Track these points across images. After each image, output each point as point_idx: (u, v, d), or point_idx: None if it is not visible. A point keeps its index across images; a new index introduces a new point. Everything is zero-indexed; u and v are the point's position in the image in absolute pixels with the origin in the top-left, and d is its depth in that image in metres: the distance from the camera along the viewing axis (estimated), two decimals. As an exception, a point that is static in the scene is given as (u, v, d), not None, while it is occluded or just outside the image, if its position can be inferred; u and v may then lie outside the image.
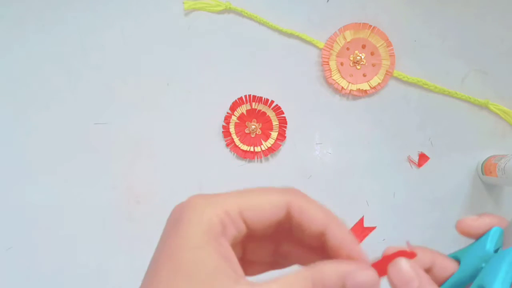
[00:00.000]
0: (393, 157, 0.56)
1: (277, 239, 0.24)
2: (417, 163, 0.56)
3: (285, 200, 0.22)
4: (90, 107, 0.57)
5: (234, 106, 0.56)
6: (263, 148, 0.56)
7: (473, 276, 0.22)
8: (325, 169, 0.56)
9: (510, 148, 0.55)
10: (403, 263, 0.21)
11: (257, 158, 0.56)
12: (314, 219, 0.22)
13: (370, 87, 0.56)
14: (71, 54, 0.57)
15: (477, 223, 0.24)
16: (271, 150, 0.56)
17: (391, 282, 0.21)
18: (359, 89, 0.56)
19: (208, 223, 0.20)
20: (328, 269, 0.21)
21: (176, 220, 0.21)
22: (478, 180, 0.55)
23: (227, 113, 0.56)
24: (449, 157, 0.56)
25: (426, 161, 0.56)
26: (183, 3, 0.57)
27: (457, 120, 0.56)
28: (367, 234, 0.23)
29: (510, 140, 0.55)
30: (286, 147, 0.57)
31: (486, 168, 0.53)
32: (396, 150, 0.56)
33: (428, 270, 0.23)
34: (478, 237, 0.23)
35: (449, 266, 0.24)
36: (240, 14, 0.57)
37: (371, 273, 0.21)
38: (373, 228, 0.22)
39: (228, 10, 0.57)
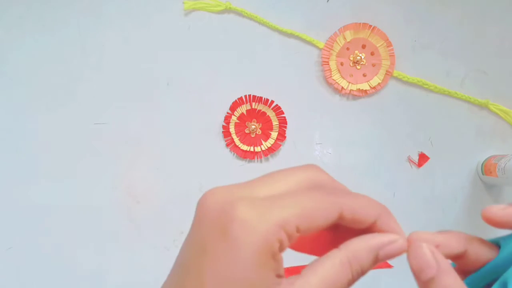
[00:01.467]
0: (393, 157, 0.56)
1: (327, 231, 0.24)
2: (417, 163, 0.56)
3: (337, 207, 0.21)
4: (90, 107, 0.57)
5: (234, 106, 0.56)
6: (263, 148, 0.56)
7: (510, 265, 0.21)
8: (325, 169, 0.56)
9: (510, 148, 0.55)
10: (423, 248, 0.21)
11: (257, 158, 0.56)
12: (368, 216, 0.22)
13: (370, 87, 0.56)
14: (71, 54, 0.57)
15: (504, 212, 0.23)
16: (271, 150, 0.56)
17: (410, 265, 0.21)
18: (359, 89, 0.56)
19: (265, 243, 0.18)
20: (359, 246, 0.21)
21: (223, 232, 0.19)
22: (478, 180, 0.55)
23: (227, 113, 0.56)
24: (449, 157, 0.55)
25: (426, 161, 0.55)
26: (183, 3, 0.57)
27: (457, 120, 0.56)
28: None
29: (510, 140, 0.55)
30: (286, 147, 0.57)
31: (486, 168, 0.53)
32: (396, 150, 0.56)
33: (461, 256, 0.22)
34: (505, 227, 0.22)
35: (485, 252, 0.22)
36: (240, 14, 0.57)
37: (402, 242, 0.21)
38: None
39: (228, 10, 0.57)
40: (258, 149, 0.56)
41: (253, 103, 0.56)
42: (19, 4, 0.57)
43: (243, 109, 0.56)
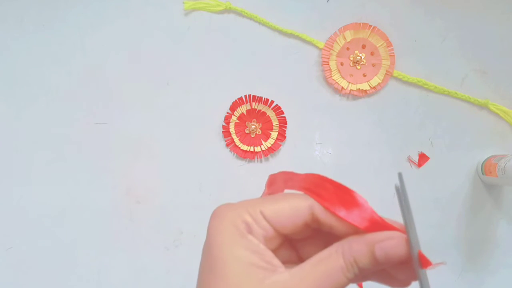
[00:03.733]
0: (393, 157, 0.56)
1: (322, 235, 0.25)
2: (417, 163, 0.56)
3: (307, 204, 0.23)
4: (90, 107, 0.57)
5: (234, 106, 0.56)
6: (263, 148, 0.56)
7: None
8: (325, 169, 0.56)
9: (510, 148, 0.55)
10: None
11: (257, 158, 0.56)
12: (341, 222, 0.22)
13: (370, 87, 0.56)
14: (71, 54, 0.57)
15: None
16: (271, 150, 0.56)
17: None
18: (359, 89, 0.56)
19: (232, 223, 0.21)
20: (356, 239, 0.21)
21: (207, 229, 0.22)
22: (478, 180, 0.55)
23: (227, 113, 0.56)
24: (449, 157, 0.55)
25: (426, 161, 0.55)
26: (183, 3, 0.57)
27: (457, 120, 0.56)
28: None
29: (510, 140, 0.55)
30: (286, 147, 0.57)
31: (486, 168, 0.53)
32: (396, 150, 0.56)
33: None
34: None
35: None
36: (240, 14, 0.57)
37: (399, 241, 0.21)
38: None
39: (228, 10, 0.57)
40: (258, 149, 0.56)
41: (253, 103, 0.56)
42: (19, 4, 0.57)
43: (243, 109, 0.56)
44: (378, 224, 0.22)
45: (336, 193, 0.23)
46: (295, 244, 0.25)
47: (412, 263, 0.21)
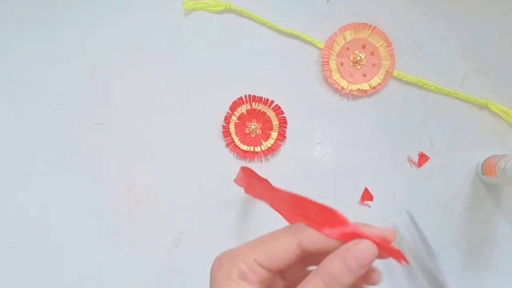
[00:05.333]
0: (393, 157, 0.56)
1: (311, 262, 0.27)
2: (417, 163, 0.56)
3: (295, 240, 0.24)
4: (90, 107, 0.57)
5: (234, 106, 0.56)
6: (263, 148, 0.56)
7: None
8: (325, 169, 0.56)
9: (510, 148, 0.55)
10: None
11: (257, 158, 0.56)
12: (330, 242, 0.24)
13: (370, 87, 0.56)
14: (71, 54, 0.57)
15: None
16: (271, 150, 0.56)
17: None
18: (359, 89, 0.56)
19: (227, 271, 0.25)
20: (328, 257, 0.23)
21: (210, 274, 0.26)
22: (478, 180, 0.55)
23: (227, 113, 0.56)
24: (449, 157, 0.56)
25: (426, 161, 0.56)
26: (183, 3, 0.57)
27: (457, 120, 0.56)
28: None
29: (510, 140, 0.55)
30: (286, 147, 0.57)
31: (486, 168, 0.53)
32: (396, 150, 0.56)
33: None
34: None
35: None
36: (240, 14, 0.57)
37: (367, 244, 0.23)
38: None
39: (228, 10, 0.57)
40: (258, 149, 0.56)
41: (253, 103, 0.56)
42: (19, 4, 0.57)
43: (243, 109, 0.56)
44: (361, 237, 0.23)
45: (320, 214, 0.24)
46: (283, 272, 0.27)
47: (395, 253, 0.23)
